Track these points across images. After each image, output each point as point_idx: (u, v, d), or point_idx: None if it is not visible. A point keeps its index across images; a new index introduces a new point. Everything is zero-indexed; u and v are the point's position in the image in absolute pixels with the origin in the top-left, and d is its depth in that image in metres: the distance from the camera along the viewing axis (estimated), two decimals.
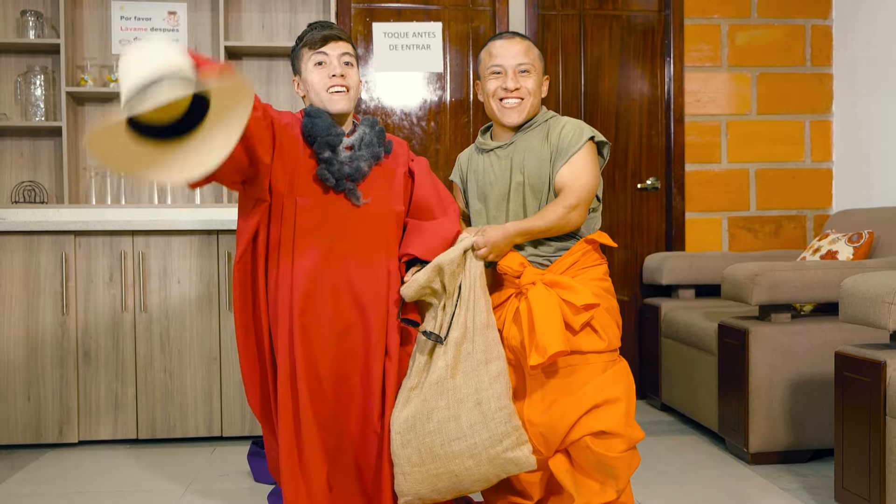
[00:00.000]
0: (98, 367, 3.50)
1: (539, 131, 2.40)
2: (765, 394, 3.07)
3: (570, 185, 2.28)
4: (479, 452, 2.13)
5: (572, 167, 2.29)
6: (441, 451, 2.14)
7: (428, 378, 2.19)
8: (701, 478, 2.99)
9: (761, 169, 4.41)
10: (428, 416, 2.15)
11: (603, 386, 2.20)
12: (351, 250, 2.30)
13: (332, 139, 2.27)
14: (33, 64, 4.05)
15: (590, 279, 2.30)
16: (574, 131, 2.33)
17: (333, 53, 2.31)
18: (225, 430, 3.55)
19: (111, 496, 2.88)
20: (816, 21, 4.42)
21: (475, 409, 2.14)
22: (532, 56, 2.42)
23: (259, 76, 4.21)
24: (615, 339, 2.29)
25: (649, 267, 4.21)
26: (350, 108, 2.36)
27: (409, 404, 2.19)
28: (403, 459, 2.17)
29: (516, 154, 2.38)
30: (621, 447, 2.18)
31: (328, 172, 2.25)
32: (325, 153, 2.26)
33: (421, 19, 4.28)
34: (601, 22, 4.37)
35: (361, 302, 2.30)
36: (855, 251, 3.41)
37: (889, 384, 2.29)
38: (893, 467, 2.27)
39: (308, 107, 2.35)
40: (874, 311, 2.34)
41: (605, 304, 2.29)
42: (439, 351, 2.20)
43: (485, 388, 2.16)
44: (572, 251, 2.32)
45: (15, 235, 3.47)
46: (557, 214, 2.26)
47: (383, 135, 2.40)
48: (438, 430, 2.14)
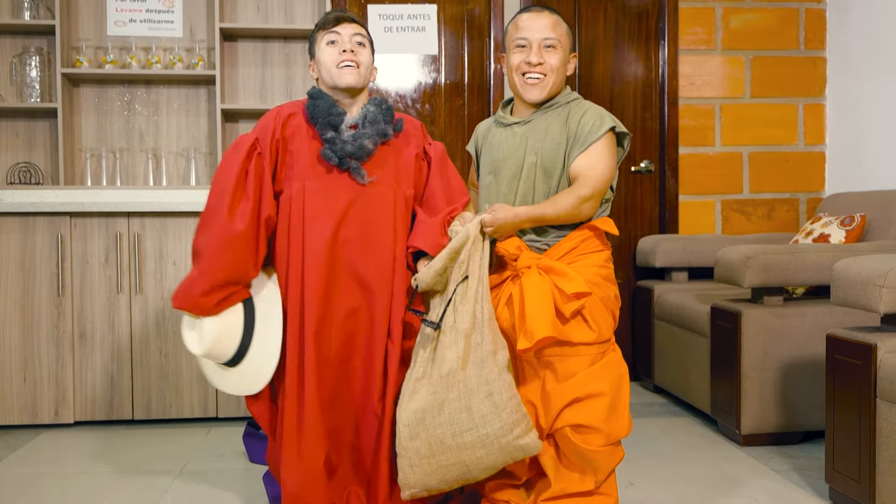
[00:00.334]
0: (94, 348, 3.46)
1: (559, 113, 2.31)
2: (757, 376, 3.05)
3: (585, 174, 2.20)
4: (491, 442, 2.08)
5: (589, 157, 2.21)
6: (452, 443, 2.08)
7: (437, 370, 2.13)
8: (693, 459, 2.96)
9: (755, 152, 4.36)
10: (439, 408, 2.09)
11: (588, 380, 2.15)
12: (357, 231, 2.26)
13: (333, 119, 2.25)
14: (29, 45, 3.99)
15: (588, 265, 2.23)
16: (595, 119, 2.25)
17: (345, 33, 2.30)
18: (220, 411, 3.52)
19: (107, 476, 2.85)
20: (810, 5, 4.36)
21: (486, 399, 2.08)
22: (559, 31, 2.31)
23: (254, 58, 4.15)
24: (607, 330, 2.21)
25: (643, 249, 4.17)
26: (359, 83, 2.31)
27: (417, 396, 2.13)
28: (412, 452, 2.11)
29: (533, 133, 2.31)
30: (600, 442, 2.13)
31: (331, 151, 2.23)
32: (328, 133, 2.25)
33: (416, 1, 4.21)
34: (596, 5, 4.30)
35: (366, 284, 2.27)
36: (847, 234, 3.38)
37: (880, 367, 2.26)
38: (883, 449, 2.24)
39: (311, 89, 2.33)
40: (865, 294, 2.31)
41: (600, 293, 2.21)
42: (447, 341, 2.13)
43: (495, 378, 2.10)
44: (571, 237, 2.24)
45: (10, 217, 3.43)
46: (570, 204, 2.18)
47: (391, 113, 2.34)
48: (450, 422, 2.08)
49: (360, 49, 2.31)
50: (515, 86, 2.34)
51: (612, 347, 2.25)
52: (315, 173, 2.25)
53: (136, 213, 3.48)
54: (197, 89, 4.11)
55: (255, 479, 2.78)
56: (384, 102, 2.35)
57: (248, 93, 4.16)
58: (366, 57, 2.33)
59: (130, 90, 4.09)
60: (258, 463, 2.95)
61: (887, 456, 2.23)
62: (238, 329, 2.20)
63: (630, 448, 3.06)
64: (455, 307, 2.15)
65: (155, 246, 3.49)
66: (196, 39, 4.09)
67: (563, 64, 2.32)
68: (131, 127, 4.09)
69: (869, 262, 2.34)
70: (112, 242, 3.47)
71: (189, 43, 4.09)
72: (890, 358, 2.24)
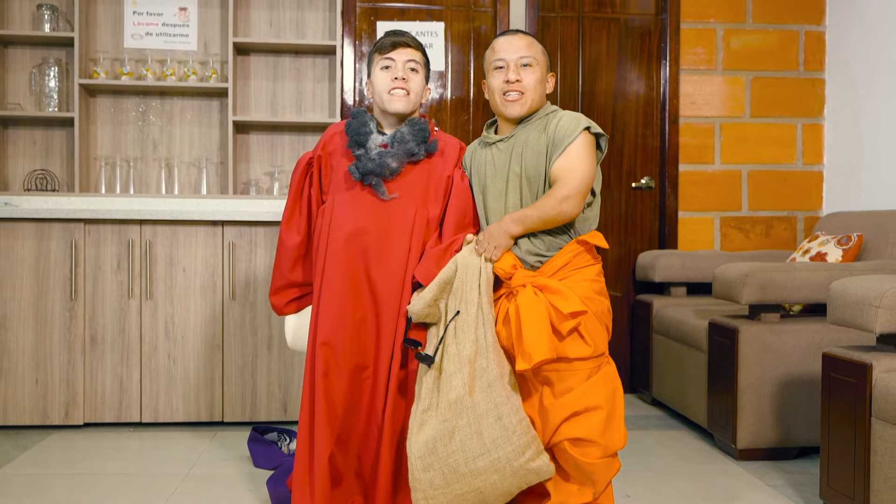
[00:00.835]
0: (104, 352, 3.45)
1: (538, 124, 2.32)
2: (753, 391, 3.02)
3: (563, 176, 2.20)
4: (504, 466, 2.04)
5: (567, 158, 2.21)
6: (465, 470, 2.04)
7: (444, 398, 2.09)
8: (689, 472, 2.93)
9: (753, 170, 4.34)
10: (450, 436, 2.05)
11: (585, 394, 2.12)
12: (373, 245, 2.30)
13: (361, 138, 2.33)
14: (48, 56, 4.00)
15: (581, 280, 2.21)
16: (570, 123, 2.25)
17: (400, 59, 2.36)
18: (226, 416, 3.50)
19: (114, 478, 2.83)
20: (810, 27, 4.35)
21: (496, 423, 2.05)
22: (534, 50, 2.33)
23: (266, 72, 4.15)
24: (602, 344, 2.19)
25: (642, 264, 4.15)
26: (407, 108, 2.38)
27: (426, 427, 2.09)
28: (426, 484, 2.06)
29: (515, 147, 2.31)
30: (597, 454, 2.11)
31: (354, 167, 2.31)
32: (357, 150, 2.33)
33: (424, 19, 4.21)
34: (599, 24, 4.29)
35: (377, 296, 2.30)
36: (844, 253, 3.35)
37: (875, 386, 2.23)
38: (878, 467, 2.21)
39: (354, 109, 2.45)
40: (861, 315, 2.28)
41: (594, 308, 2.19)
42: (451, 368, 2.10)
43: (503, 402, 2.07)
44: (563, 252, 2.23)
45: (26, 222, 3.42)
46: (549, 205, 2.18)
47: (424, 133, 2.36)
48: (462, 449, 2.04)
49: (412, 75, 2.37)
50: (497, 105, 2.34)
51: (607, 360, 2.23)
52: (344, 187, 2.35)
53: (148, 220, 3.47)
54: (210, 101, 4.11)
55: (259, 483, 2.76)
56: (419, 122, 2.37)
57: (260, 105, 4.15)
58: (417, 83, 2.38)
59: (145, 101, 4.08)
60: (262, 468, 2.93)
61: (881, 474, 2.20)
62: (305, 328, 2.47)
63: (627, 460, 3.04)
64: (455, 334, 2.12)
65: (166, 253, 3.48)
66: (210, 53, 4.09)
67: (541, 81, 2.34)
68: (145, 137, 4.09)
69: (865, 283, 2.32)
70: (124, 249, 3.46)
71: (203, 56, 4.09)
72: (885, 377, 2.22)
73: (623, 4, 4.30)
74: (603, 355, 2.20)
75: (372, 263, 2.29)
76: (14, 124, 4.00)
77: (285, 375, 3.51)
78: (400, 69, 2.35)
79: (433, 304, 2.18)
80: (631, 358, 4.26)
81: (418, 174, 2.36)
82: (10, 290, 3.41)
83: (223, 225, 3.50)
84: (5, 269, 3.42)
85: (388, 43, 2.37)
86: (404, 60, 2.36)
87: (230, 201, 3.90)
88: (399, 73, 2.35)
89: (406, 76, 2.35)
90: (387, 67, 2.36)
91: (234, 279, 3.49)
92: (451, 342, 2.13)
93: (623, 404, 2.20)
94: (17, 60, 4.00)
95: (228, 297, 3.49)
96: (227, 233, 3.50)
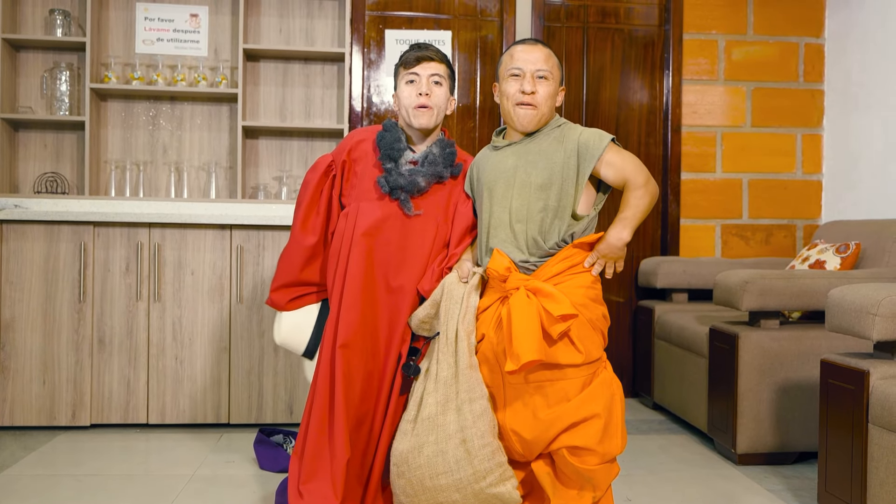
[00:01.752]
0: (112, 354, 3.47)
1: (552, 135, 2.32)
2: (753, 397, 3.03)
3: (629, 170, 2.24)
4: (465, 487, 2.11)
5: (614, 162, 2.25)
6: (430, 484, 2.12)
7: (420, 413, 2.18)
8: (690, 476, 2.94)
9: (754, 179, 4.35)
10: (419, 451, 2.14)
11: (582, 404, 2.12)
12: (394, 255, 2.35)
13: (394, 153, 2.36)
14: (59, 60, 4.02)
15: (576, 287, 2.20)
16: (594, 135, 2.29)
17: (424, 73, 2.38)
18: (232, 418, 3.51)
19: (121, 479, 2.84)
20: (809, 39, 4.37)
21: (460, 445, 2.12)
22: (551, 63, 2.34)
23: (275, 78, 4.17)
24: (595, 351, 2.17)
25: (644, 270, 4.16)
26: (432, 123, 2.40)
27: (405, 437, 2.19)
28: (399, 489, 2.18)
29: (526, 154, 2.30)
30: (595, 461, 2.11)
31: (384, 180, 2.34)
32: (387, 164, 2.36)
33: (431, 28, 4.23)
34: (604, 34, 4.31)
35: (391, 306, 2.34)
36: (842, 261, 3.36)
37: (872, 392, 2.25)
38: (875, 473, 2.22)
39: (386, 120, 2.44)
40: (859, 322, 2.30)
41: (588, 315, 2.18)
42: (429, 387, 2.19)
43: (469, 426, 2.13)
44: (558, 257, 2.22)
45: (36, 224, 3.44)
46: (638, 196, 2.24)
47: (452, 157, 2.41)
48: (428, 464, 2.13)
49: (436, 89, 2.39)
50: (508, 113, 2.33)
51: (604, 366, 2.21)
52: (371, 196, 2.37)
53: (157, 223, 3.49)
54: (219, 106, 4.13)
55: (264, 485, 2.77)
56: (449, 146, 2.42)
57: (269, 111, 4.17)
58: (441, 97, 2.40)
59: (156, 106, 4.11)
60: (268, 470, 2.94)
61: (878, 480, 2.21)
62: (309, 326, 2.48)
63: (628, 464, 3.04)
64: (437, 357, 2.21)
65: (174, 256, 3.50)
66: (220, 59, 4.12)
67: (553, 95, 2.34)
68: (155, 141, 4.11)
69: (863, 291, 2.33)
70: (133, 251, 3.48)
71: (213, 62, 4.11)
72: (882, 384, 2.23)
73: (627, 15, 4.32)
74: (597, 361, 2.18)
75: (391, 273, 2.34)
76: (25, 127, 4.02)
77: (291, 378, 3.52)
78: (424, 84, 2.37)
79: (427, 320, 2.29)
80: (633, 363, 4.27)
81: (441, 195, 2.40)
82: (20, 291, 3.43)
83: (231, 229, 3.52)
84: (15, 270, 3.43)
85: (412, 58, 2.39)
86: (428, 74, 2.38)
87: (239, 205, 3.92)
88: (423, 87, 2.37)
89: (430, 91, 2.37)
90: (411, 82, 2.38)
91: (241, 282, 3.51)
92: (433, 363, 2.21)
93: (622, 409, 2.19)
94: (29, 64, 4.02)
95: (236, 300, 3.50)
96: (236, 236, 3.51)
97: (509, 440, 2.18)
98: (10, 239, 3.43)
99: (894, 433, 2.16)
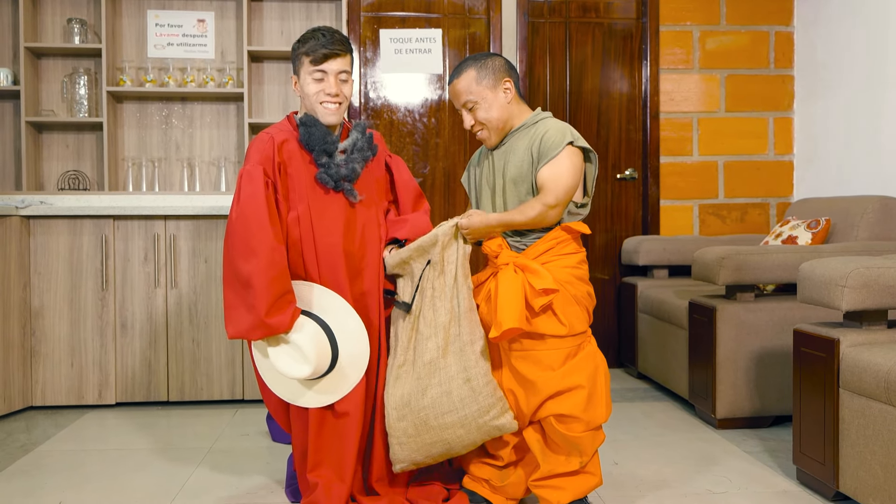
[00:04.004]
0: (133, 337, 3.42)
1: (526, 133, 2.23)
2: (730, 365, 2.97)
3: (549, 185, 2.11)
4: (470, 422, 2.07)
5: (552, 168, 2.12)
6: (435, 423, 2.08)
7: (420, 358, 2.12)
8: (672, 440, 2.89)
9: (729, 161, 4.28)
10: (423, 393, 2.09)
11: (567, 375, 2.09)
12: (357, 244, 2.21)
13: (329, 147, 2.17)
14: (78, 66, 3.94)
15: (562, 266, 2.15)
16: (556, 135, 2.15)
17: (331, 70, 2.16)
18: (246, 394, 3.47)
19: (145, 452, 2.80)
20: (779, 27, 4.27)
21: (465, 385, 2.08)
22: (469, 89, 2.20)
23: (278, 77, 4.09)
24: (578, 325, 2.12)
25: (627, 249, 4.10)
26: (340, 119, 2.23)
27: (401, 382, 2.12)
28: (400, 431, 2.11)
29: (505, 154, 2.25)
30: (580, 428, 2.07)
31: (327, 175, 2.16)
32: (323, 159, 2.17)
33: (423, 26, 4.14)
34: (585, 28, 4.22)
35: (366, 289, 2.23)
36: (813, 236, 3.29)
37: (842, 359, 2.19)
38: (845, 435, 2.17)
39: (303, 116, 2.21)
40: (829, 294, 2.23)
41: (572, 291, 2.13)
42: (427, 333, 2.12)
43: (472, 365, 2.09)
44: (547, 238, 2.17)
45: (60, 219, 3.39)
46: (536, 211, 2.11)
47: (372, 139, 2.29)
48: (432, 405, 2.07)
49: (343, 87, 2.19)
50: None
51: (588, 340, 2.16)
52: (316, 195, 2.17)
53: (172, 216, 3.43)
54: (227, 105, 4.06)
55: (277, 456, 2.74)
56: (365, 129, 2.28)
57: (273, 108, 4.10)
58: (347, 91, 2.20)
59: (168, 106, 4.03)
60: (280, 442, 2.90)
61: (849, 440, 2.16)
62: (322, 334, 2.08)
63: (614, 430, 3.00)
64: (434, 303, 2.13)
65: (189, 245, 3.44)
66: (227, 61, 4.04)
67: (492, 107, 2.20)
68: (168, 139, 4.04)
69: (832, 264, 2.27)
70: (150, 242, 3.43)
71: (220, 64, 4.03)
72: (852, 351, 2.17)
73: (606, 9, 4.23)
74: (581, 335, 2.14)
75: (357, 262, 2.21)
76: (48, 129, 3.96)
77: None
78: (332, 83, 2.16)
79: (407, 262, 2.18)
80: (618, 335, 4.22)
81: (367, 174, 2.28)
82: (47, 281, 3.38)
83: None
84: (42, 262, 3.38)
85: (319, 54, 2.13)
86: (336, 72, 2.17)
87: None
88: (332, 88, 2.16)
89: (338, 90, 2.17)
90: (319, 80, 2.16)
91: None
92: (428, 309, 2.14)
93: (605, 381, 2.14)
94: (49, 70, 3.95)
95: None
96: None
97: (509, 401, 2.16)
98: (37, 233, 3.38)
99: (863, 397, 2.11)
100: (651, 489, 2.39)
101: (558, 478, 2.12)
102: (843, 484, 2.19)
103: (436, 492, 2.24)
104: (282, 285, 2.03)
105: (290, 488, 2.34)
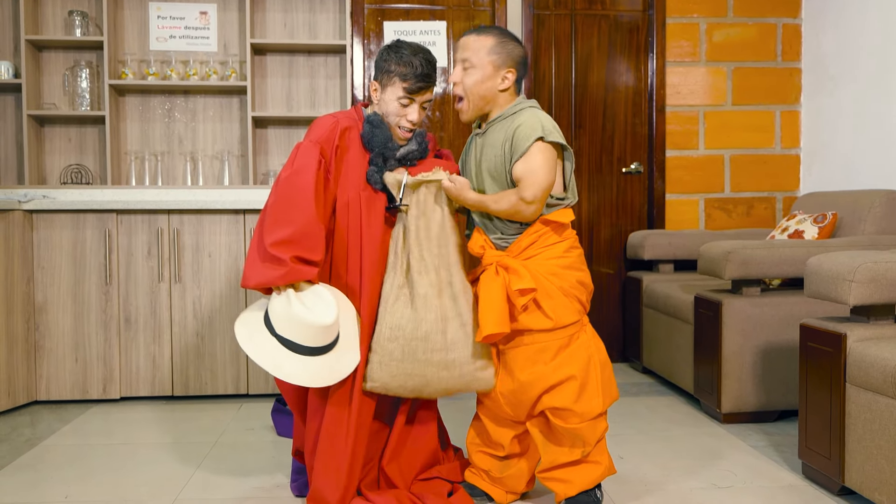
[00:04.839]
0: (138, 332, 3.44)
1: (504, 124, 2.19)
2: (736, 360, 2.99)
3: (526, 179, 2.07)
4: (455, 367, 2.10)
5: (528, 163, 2.08)
6: (422, 357, 2.09)
7: (414, 290, 2.12)
8: (678, 435, 2.92)
9: (735, 155, 4.28)
10: (417, 325, 2.09)
11: (558, 367, 2.10)
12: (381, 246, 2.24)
13: (388, 152, 2.23)
14: (79, 59, 3.96)
15: (547, 258, 2.14)
16: (526, 130, 2.10)
17: (419, 101, 2.23)
18: (251, 389, 3.49)
19: (150, 447, 2.83)
20: (787, 20, 4.27)
21: (460, 328, 2.11)
22: (473, 50, 2.15)
23: (281, 70, 4.10)
24: (567, 316, 2.11)
25: (632, 243, 4.11)
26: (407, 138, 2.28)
27: (400, 304, 2.12)
28: (386, 352, 2.10)
29: (486, 142, 2.22)
30: (576, 420, 2.08)
31: (378, 177, 2.22)
32: (378, 161, 2.22)
33: (427, 18, 4.15)
34: (590, 20, 4.22)
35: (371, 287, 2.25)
36: (820, 231, 3.31)
37: (849, 354, 2.21)
38: (852, 429, 2.19)
39: (371, 114, 2.26)
40: (836, 288, 2.25)
41: (559, 283, 2.12)
42: (418, 268, 2.12)
43: (465, 311, 2.13)
44: (529, 232, 2.16)
45: (64, 213, 3.41)
46: (509, 203, 2.09)
47: (427, 145, 2.32)
48: (425, 339, 2.09)
49: (423, 114, 2.27)
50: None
51: (581, 329, 2.16)
52: (366, 186, 2.23)
53: (176, 210, 3.45)
54: (230, 98, 4.07)
55: (282, 451, 2.76)
56: (424, 138, 2.31)
57: (276, 101, 4.11)
58: (423, 117, 2.29)
59: (170, 99, 4.05)
60: (284, 436, 2.92)
61: (855, 435, 2.18)
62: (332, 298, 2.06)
63: (619, 424, 3.02)
64: (420, 244, 2.14)
65: (192, 240, 3.46)
66: (229, 53, 4.05)
67: (482, 82, 2.16)
68: (171, 132, 4.06)
69: (840, 259, 2.28)
70: (154, 237, 3.45)
71: (223, 57, 4.05)
72: (858, 346, 2.19)
73: (612, 1, 4.23)
74: (572, 325, 2.13)
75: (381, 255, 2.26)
76: (50, 123, 3.97)
77: None
78: (416, 112, 2.23)
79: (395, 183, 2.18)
80: (623, 330, 4.24)
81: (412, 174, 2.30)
82: (51, 276, 3.40)
83: (244, 213, 3.47)
84: (45, 256, 3.40)
85: (415, 87, 2.19)
86: (422, 101, 2.24)
87: (250, 191, 3.88)
88: (415, 116, 2.23)
89: (419, 119, 2.25)
90: (405, 105, 2.22)
91: None
92: (415, 245, 2.14)
93: (601, 370, 2.14)
94: (51, 63, 3.96)
95: None
96: (249, 220, 3.47)
97: (496, 401, 2.18)
98: (40, 227, 3.40)
99: (870, 392, 2.13)
100: (656, 484, 2.42)
101: (562, 469, 2.15)
102: (849, 478, 2.21)
103: (440, 487, 2.27)
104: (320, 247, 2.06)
105: (296, 483, 2.37)
